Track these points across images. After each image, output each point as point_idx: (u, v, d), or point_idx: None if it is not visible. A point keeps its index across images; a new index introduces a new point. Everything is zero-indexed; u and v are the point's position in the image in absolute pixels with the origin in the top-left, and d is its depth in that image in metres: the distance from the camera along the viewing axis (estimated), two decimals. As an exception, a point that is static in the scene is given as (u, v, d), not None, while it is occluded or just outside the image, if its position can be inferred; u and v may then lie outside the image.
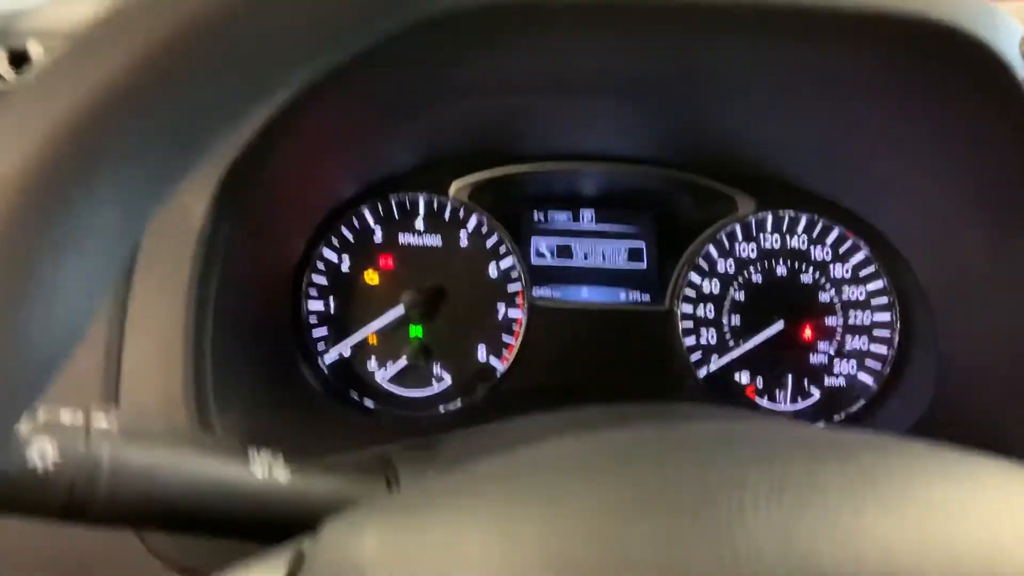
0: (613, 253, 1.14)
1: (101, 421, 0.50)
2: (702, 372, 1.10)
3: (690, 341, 1.10)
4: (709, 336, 1.11)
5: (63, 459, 0.46)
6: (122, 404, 0.73)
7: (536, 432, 0.66)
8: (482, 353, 1.10)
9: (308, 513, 0.53)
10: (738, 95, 0.87)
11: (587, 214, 1.15)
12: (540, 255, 1.13)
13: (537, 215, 1.14)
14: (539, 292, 1.11)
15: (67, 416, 0.48)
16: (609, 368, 1.10)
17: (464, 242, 1.11)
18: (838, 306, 1.10)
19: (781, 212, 1.11)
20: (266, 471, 0.54)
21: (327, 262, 1.09)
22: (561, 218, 1.15)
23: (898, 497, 0.31)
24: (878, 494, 0.31)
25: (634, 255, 1.14)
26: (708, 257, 1.12)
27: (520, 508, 0.33)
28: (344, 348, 1.08)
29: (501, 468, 0.38)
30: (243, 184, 0.77)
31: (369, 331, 1.08)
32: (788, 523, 0.29)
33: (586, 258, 1.14)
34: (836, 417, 1.09)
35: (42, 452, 0.46)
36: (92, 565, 0.73)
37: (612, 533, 0.30)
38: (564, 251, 1.14)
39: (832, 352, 1.09)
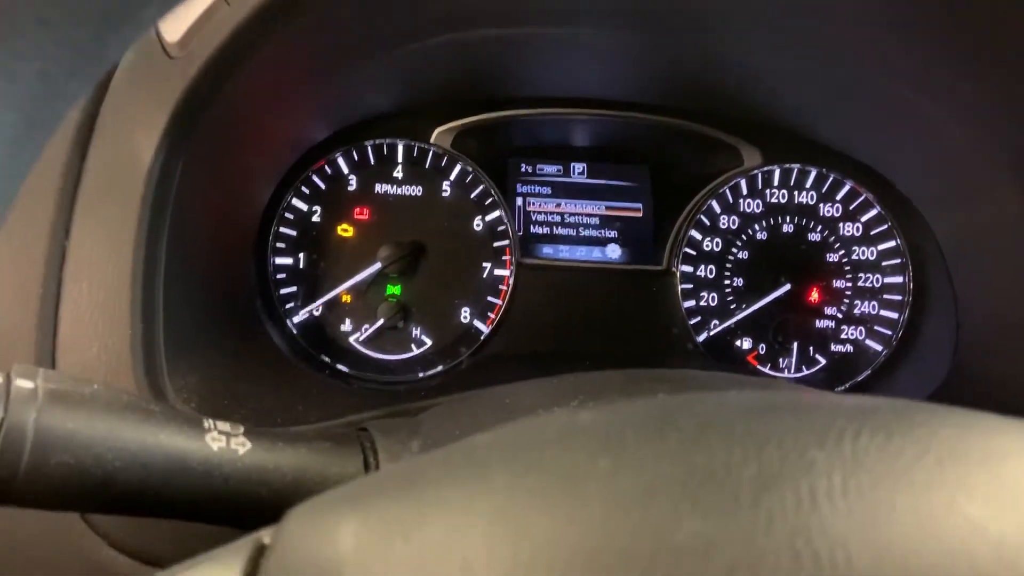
0: (607, 208, 1.05)
1: (26, 381, 0.42)
2: (701, 337, 1.03)
3: (689, 304, 1.03)
4: (710, 298, 1.03)
5: None
6: (59, 365, 0.65)
7: (534, 400, 0.58)
8: (465, 314, 1.02)
9: (272, 491, 0.46)
10: (735, 21, 0.78)
11: (578, 165, 1.06)
12: (529, 209, 1.04)
13: (525, 167, 1.06)
14: (527, 249, 1.03)
15: None
16: (601, 332, 1.02)
17: (446, 193, 1.02)
18: (847, 267, 1.02)
19: (789, 165, 1.03)
20: (223, 442, 0.46)
21: (297, 212, 1.00)
22: (551, 170, 1.06)
23: (1002, 482, 0.24)
24: (977, 479, 0.24)
25: (629, 211, 1.05)
26: (710, 213, 1.04)
27: (534, 493, 0.27)
28: (315, 307, 1.00)
29: (505, 442, 0.31)
30: (197, 118, 0.68)
31: (342, 289, 1.00)
32: (875, 515, 0.21)
33: (578, 214, 1.05)
34: (840, 388, 1.02)
35: None
36: (27, 545, 0.65)
37: (654, 526, 0.24)
38: (554, 205, 1.05)
39: (840, 316, 1.02)
